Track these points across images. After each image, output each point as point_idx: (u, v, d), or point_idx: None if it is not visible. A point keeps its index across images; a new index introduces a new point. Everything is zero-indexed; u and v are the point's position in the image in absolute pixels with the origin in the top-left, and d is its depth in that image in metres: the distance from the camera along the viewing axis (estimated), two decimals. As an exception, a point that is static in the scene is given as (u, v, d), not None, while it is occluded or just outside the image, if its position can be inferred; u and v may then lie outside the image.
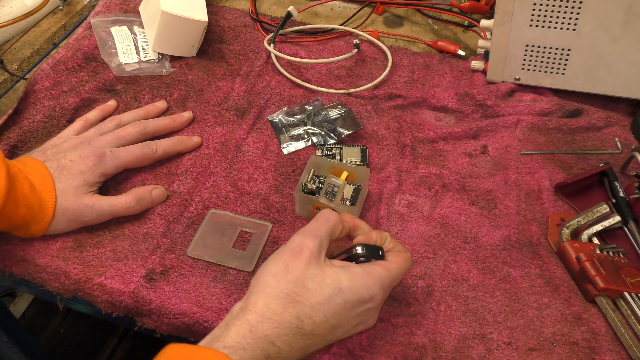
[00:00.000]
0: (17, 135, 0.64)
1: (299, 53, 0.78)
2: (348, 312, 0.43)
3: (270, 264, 0.44)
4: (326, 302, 0.42)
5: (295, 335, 0.41)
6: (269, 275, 0.43)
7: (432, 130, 0.68)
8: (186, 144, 0.65)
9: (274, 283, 0.42)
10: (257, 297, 0.42)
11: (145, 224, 0.58)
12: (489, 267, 0.56)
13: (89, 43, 0.75)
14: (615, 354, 0.49)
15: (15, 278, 0.56)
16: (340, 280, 0.42)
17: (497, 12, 0.67)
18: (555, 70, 0.69)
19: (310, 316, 0.41)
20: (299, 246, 0.43)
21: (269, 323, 0.40)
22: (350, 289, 0.42)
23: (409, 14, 0.88)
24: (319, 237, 0.44)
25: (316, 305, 0.41)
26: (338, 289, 0.42)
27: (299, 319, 0.41)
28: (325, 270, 0.43)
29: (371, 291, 0.43)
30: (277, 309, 0.41)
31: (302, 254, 0.43)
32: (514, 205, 0.61)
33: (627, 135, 0.68)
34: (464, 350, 0.50)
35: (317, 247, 0.43)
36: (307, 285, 0.42)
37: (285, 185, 0.62)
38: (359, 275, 0.43)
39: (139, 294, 0.52)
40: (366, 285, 0.43)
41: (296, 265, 0.42)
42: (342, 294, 0.42)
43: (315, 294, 0.42)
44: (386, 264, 0.45)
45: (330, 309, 0.42)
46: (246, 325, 0.40)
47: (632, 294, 0.52)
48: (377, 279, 0.44)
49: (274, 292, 0.41)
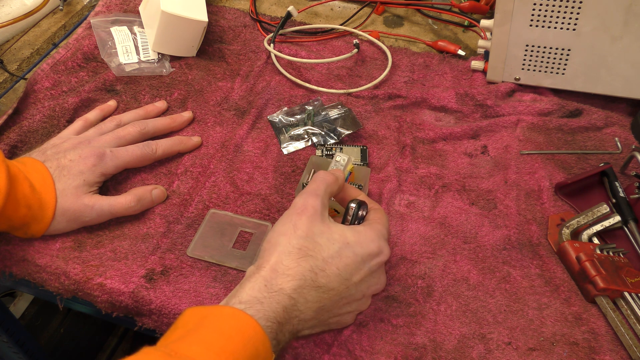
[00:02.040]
0: (17, 135, 0.64)
1: (299, 53, 0.78)
2: (359, 265, 0.45)
3: (277, 225, 0.46)
4: (337, 256, 0.44)
5: (310, 288, 0.42)
6: (278, 234, 0.44)
7: (432, 130, 0.68)
8: (186, 144, 0.65)
9: (284, 240, 0.44)
10: (270, 255, 0.43)
11: (145, 224, 0.58)
12: (489, 267, 0.56)
13: (89, 43, 0.75)
14: (615, 354, 0.49)
15: (15, 278, 0.56)
16: (346, 235, 0.45)
17: (497, 12, 0.67)
18: (555, 70, 0.69)
19: (323, 269, 0.43)
20: (302, 205, 0.45)
21: (283, 277, 0.42)
22: (357, 243, 0.45)
23: (409, 14, 0.88)
24: (320, 196, 0.46)
25: (328, 258, 0.43)
26: (346, 243, 0.44)
27: (312, 271, 0.42)
28: (331, 227, 0.45)
29: (376, 243, 0.45)
30: (290, 264, 0.42)
31: (306, 211, 0.45)
32: (514, 205, 0.61)
33: (627, 135, 0.68)
34: (464, 350, 0.50)
35: (319, 205, 0.45)
36: (317, 240, 0.44)
37: (285, 185, 0.62)
38: (362, 231, 0.46)
39: (139, 294, 0.52)
40: (371, 238, 0.45)
41: (302, 222, 0.44)
42: (350, 247, 0.44)
43: (326, 248, 0.44)
44: (375, 219, 0.48)
45: (342, 262, 0.44)
46: (261, 281, 0.41)
47: (632, 294, 0.52)
48: (378, 232, 0.46)
49: (285, 248, 0.43)
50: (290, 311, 0.42)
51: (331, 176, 0.49)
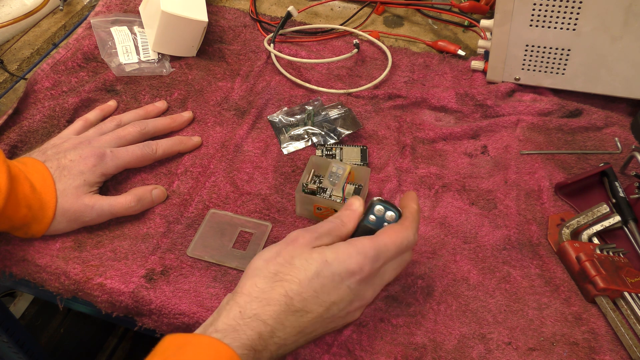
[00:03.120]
0: (17, 135, 0.64)
1: (299, 53, 0.78)
2: (338, 284, 0.42)
3: (264, 251, 0.45)
4: (314, 277, 0.42)
5: (286, 312, 0.41)
6: (261, 259, 0.44)
7: (432, 130, 0.68)
8: (186, 144, 0.65)
9: (263, 266, 0.43)
10: (246, 279, 0.43)
11: (145, 224, 0.58)
12: (489, 267, 0.56)
13: (89, 43, 0.75)
14: (615, 354, 0.49)
15: (15, 278, 0.56)
16: (325, 254, 0.43)
17: (497, 12, 0.67)
18: (555, 70, 0.69)
19: (299, 292, 0.41)
20: (294, 237, 0.44)
21: (257, 302, 0.41)
22: (335, 259, 0.42)
23: (409, 14, 0.88)
24: (317, 232, 0.45)
25: (304, 280, 0.42)
26: (323, 261, 0.42)
27: (287, 296, 0.41)
28: (312, 250, 0.43)
29: (355, 260, 0.43)
30: (264, 288, 0.41)
31: (295, 242, 0.44)
32: (514, 205, 0.61)
33: (627, 135, 0.68)
34: (464, 350, 0.50)
35: (312, 239, 0.44)
36: (294, 263, 0.42)
37: (285, 185, 0.62)
38: (342, 246, 0.44)
39: (139, 294, 0.52)
40: (348, 253, 0.43)
41: (287, 250, 0.43)
42: (328, 266, 0.42)
43: (302, 269, 0.42)
44: (371, 237, 0.45)
45: (319, 283, 0.42)
46: (236, 308, 0.41)
47: (632, 294, 0.52)
48: (360, 248, 0.43)
49: (261, 273, 0.42)
50: (267, 338, 0.40)
51: (339, 221, 0.46)
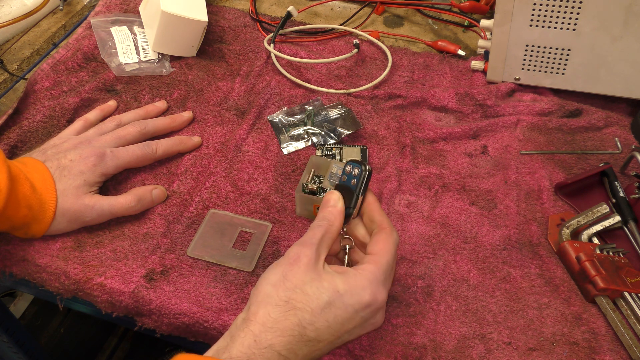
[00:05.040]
0: (17, 135, 0.64)
1: (299, 53, 0.78)
2: (352, 316, 0.42)
3: (268, 273, 0.44)
4: (326, 307, 0.41)
5: (299, 343, 0.41)
6: (268, 284, 0.43)
7: (432, 130, 0.68)
8: (186, 144, 0.65)
9: (272, 292, 0.42)
10: (258, 307, 0.42)
11: (145, 224, 0.58)
12: (489, 267, 0.56)
13: (89, 43, 0.75)
14: (615, 354, 0.49)
15: (15, 278, 0.56)
16: (336, 283, 0.42)
17: (497, 12, 0.67)
18: (555, 70, 0.69)
19: (312, 322, 0.41)
20: (295, 255, 0.43)
21: (272, 332, 0.40)
22: (347, 291, 0.42)
23: (409, 14, 0.88)
24: (315, 245, 0.44)
25: (316, 310, 0.41)
26: (336, 292, 0.42)
27: (301, 325, 0.41)
28: (322, 275, 0.43)
29: (368, 291, 0.43)
30: (278, 317, 0.41)
31: (299, 262, 0.43)
32: (514, 205, 0.61)
33: (627, 135, 0.68)
34: (464, 350, 0.50)
35: (314, 255, 0.43)
36: (306, 290, 0.42)
37: (285, 185, 0.62)
38: (352, 277, 0.43)
39: (139, 294, 0.52)
40: (362, 286, 0.43)
41: (293, 272, 0.42)
42: (340, 298, 0.42)
43: (314, 298, 0.41)
44: (373, 258, 0.45)
45: (332, 313, 0.42)
46: (250, 336, 0.40)
47: (632, 294, 0.52)
48: (371, 277, 0.43)
49: (273, 300, 0.41)
50: None
51: (326, 222, 0.46)
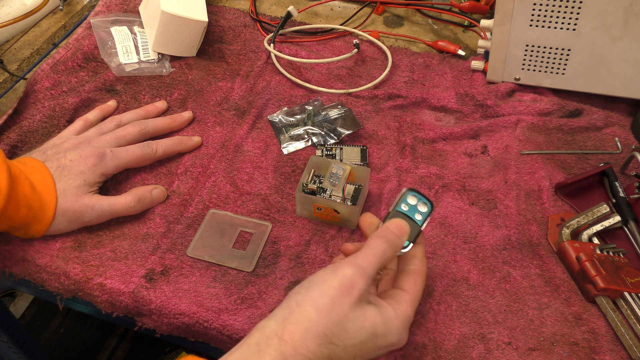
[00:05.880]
0: (17, 135, 0.64)
1: (299, 53, 0.78)
2: (375, 352, 0.43)
3: (314, 291, 0.42)
4: (358, 345, 0.42)
5: None
6: (313, 306, 0.41)
7: (432, 130, 0.68)
8: (186, 144, 0.65)
9: (316, 319, 0.41)
10: (296, 329, 0.40)
11: (145, 224, 0.58)
12: (489, 267, 0.56)
13: (89, 43, 0.75)
14: (615, 354, 0.49)
15: (15, 278, 0.56)
16: (377, 326, 0.42)
17: (497, 12, 0.67)
18: (555, 70, 0.69)
19: (340, 356, 0.41)
20: (350, 283, 0.42)
21: (301, 357, 0.40)
22: (382, 335, 0.43)
23: (409, 14, 0.88)
24: (370, 276, 0.43)
25: (349, 347, 0.42)
26: (373, 334, 0.42)
27: (329, 357, 0.41)
28: (366, 314, 0.42)
29: (398, 336, 0.44)
30: (312, 348, 0.40)
31: (351, 294, 0.41)
32: (514, 205, 0.61)
33: (627, 135, 0.68)
34: (464, 350, 0.50)
35: (366, 289, 0.42)
36: (347, 328, 0.41)
37: (285, 185, 0.62)
38: (392, 320, 0.43)
39: (139, 294, 0.52)
40: (396, 330, 0.43)
41: (343, 305, 0.41)
42: (374, 339, 0.42)
43: (352, 337, 0.41)
44: (410, 299, 0.45)
45: (360, 351, 0.42)
46: (280, 357, 0.40)
47: (632, 294, 0.52)
48: (404, 322, 0.44)
49: (314, 328, 0.41)
50: None
51: (391, 252, 0.45)
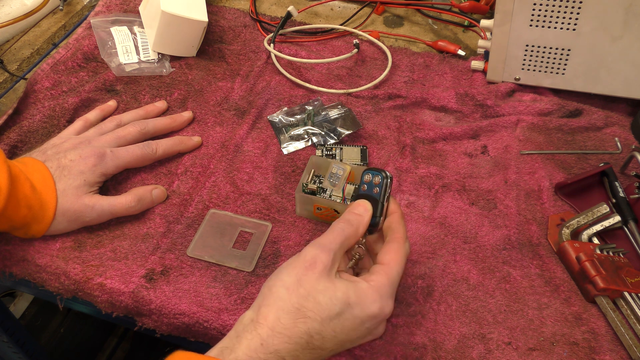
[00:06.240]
0: (17, 135, 0.64)
1: (299, 53, 0.78)
2: (357, 327, 0.43)
3: (282, 274, 0.43)
4: (335, 318, 0.42)
5: (304, 350, 0.41)
6: (282, 286, 0.42)
7: (432, 130, 0.68)
8: (186, 144, 0.65)
9: (285, 296, 0.42)
10: (269, 310, 0.42)
11: (145, 224, 0.58)
12: (489, 267, 0.56)
13: (89, 43, 0.75)
14: (615, 354, 0.49)
15: (15, 278, 0.56)
16: (349, 295, 0.42)
17: (497, 12, 0.67)
18: (555, 70, 0.69)
19: (320, 331, 0.41)
20: (312, 259, 0.43)
21: (280, 337, 0.40)
22: (358, 304, 0.43)
23: (409, 14, 0.88)
24: (333, 250, 0.44)
25: (326, 319, 0.42)
26: (347, 304, 0.42)
27: (308, 334, 0.41)
28: (336, 283, 0.43)
29: (378, 304, 0.43)
30: (287, 324, 0.41)
31: (314, 268, 0.42)
32: (514, 205, 0.61)
33: (627, 135, 0.68)
34: (464, 350, 0.50)
35: (329, 261, 0.43)
36: (318, 299, 0.42)
37: (285, 185, 0.62)
38: (363, 289, 0.43)
39: (139, 294, 0.52)
40: (372, 299, 0.43)
41: (308, 278, 0.42)
42: (350, 309, 0.42)
43: (326, 308, 0.42)
44: (383, 269, 0.45)
45: (340, 324, 0.42)
46: (257, 339, 0.40)
47: (632, 294, 0.52)
48: (381, 290, 0.44)
49: (285, 305, 0.41)
50: None
51: (350, 228, 0.46)
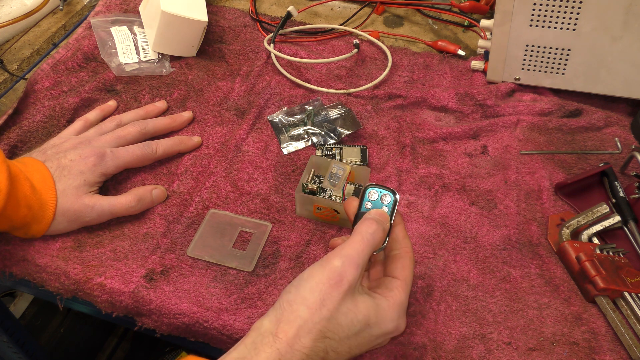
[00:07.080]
0: (17, 135, 0.64)
1: (299, 53, 0.78)
2: (371, 342, 0.44)
3: (305, 290, 0.42)
4: (353, 337, 0.42)
5: None
6: (303, 304, 0.41)
7: (432, 130, 0.68)
8: (186, 144, 0.65)
9: (307, 316, 0.41)
10: (289, 327, 0.41)
11: (145, 224, 0.58)
12: (489, 267, 0.56)
13: (89, 43, 0.75)
14: (615, 354, 0.49)
15: (15, 278, 0.56)
16: (370, 316, 0.42)
17: (497, 12, 0.67)
18: (555, 70, 0.69)
19: (336, 348, 0.42)
20: (338, 276, 0.41)
21: (298, 355, 0.40)
22: (377, 324, 0.43)
23: (409, 14, 0.88)
24: (360, 266, 0.42)
25: (344, 338, 0.42)
26: (367, 324, 0.42)
27: (325, 351, 0.41)
28: (358, 305, 0.42)
29: (395, 323, 0.44)
30: (307, 344, 0.40)
31: (340, 286, 0.41)
32: (514, 205, 0.61)
33: (627, 135, 0.68)
34: (464, 350, 0.50)
35: (356, 279, 0.42)
36: (340, 321, 0.41)
37: (285, 185, 0.62)
38: (385, 309, 0.43)
39: (139, 294, 0.52)
40: (390, 318, 0.43)
41: (333, 298, 0.41)
42: (369, 329, 0.43)
43: (346, 329, 0.42)
44: (401, 285, 0.45)
45: (356, 342, 0.43)
46: (276, 355, 0.40)
47: (632, 294, 0.52)
48: (399, 309, 0.44)
49: (306, 326, 0.41)
50: None
51: (380, 235, 0.44)
